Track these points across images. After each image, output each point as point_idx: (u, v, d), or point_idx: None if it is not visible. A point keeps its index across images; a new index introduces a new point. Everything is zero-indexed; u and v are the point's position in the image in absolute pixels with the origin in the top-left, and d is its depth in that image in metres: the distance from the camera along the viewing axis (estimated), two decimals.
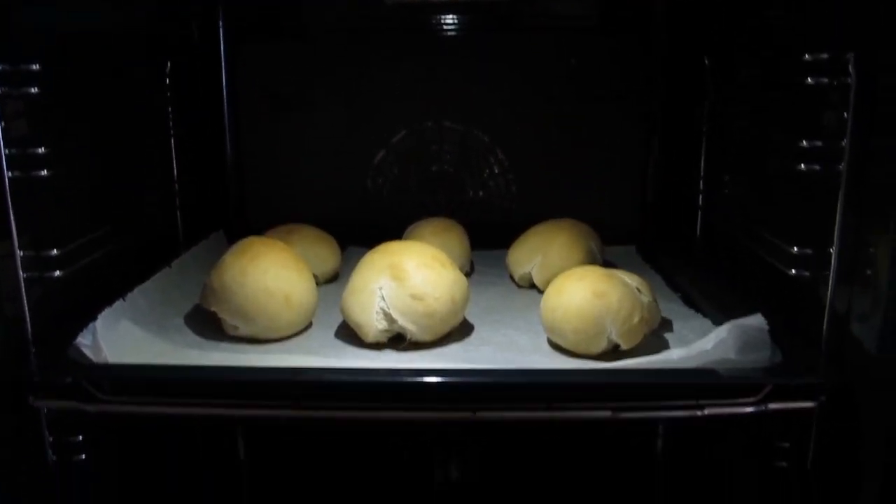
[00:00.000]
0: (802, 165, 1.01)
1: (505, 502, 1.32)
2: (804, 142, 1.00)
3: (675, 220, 1.64)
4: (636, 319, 1.09)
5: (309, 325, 1.22)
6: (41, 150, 1.03)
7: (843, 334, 0.98)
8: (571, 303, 1.09)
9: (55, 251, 1.07)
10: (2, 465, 1.00)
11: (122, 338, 1.08)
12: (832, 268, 0.99)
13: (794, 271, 1.05)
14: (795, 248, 1.05)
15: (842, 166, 0.96)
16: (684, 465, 1.40)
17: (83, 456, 1.10)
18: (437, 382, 0.96)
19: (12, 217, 1.00)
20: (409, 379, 0.98)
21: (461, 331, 1.19)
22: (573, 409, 0.97)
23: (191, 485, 1.35)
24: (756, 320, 1.04)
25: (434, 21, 1.69)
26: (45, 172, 1.03)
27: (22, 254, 1.02)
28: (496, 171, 1.74)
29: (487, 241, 1.58)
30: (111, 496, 1.24)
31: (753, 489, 1.18)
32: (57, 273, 1.07)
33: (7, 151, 0.98)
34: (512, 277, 1.45)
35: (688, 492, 1.32)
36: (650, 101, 1.68)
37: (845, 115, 0.94)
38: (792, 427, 1.05)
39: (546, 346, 1.14)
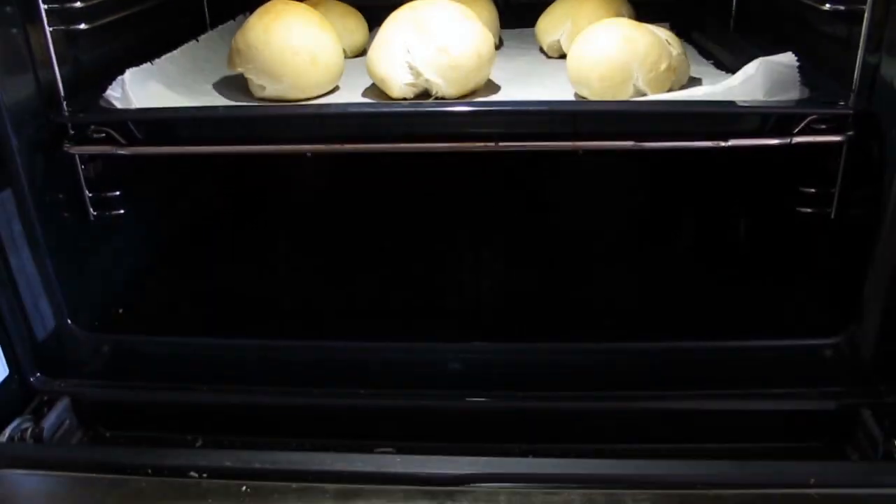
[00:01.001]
0: None
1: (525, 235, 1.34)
2: None
3: None
4: (663, 66, 1.07)
5: (336, 88, 1.22)
6: None
7: (874, 73, 0.96)
8: (599, 48, 1.08)
9: (78, 4, 1.06)
10: (46, 222, 1.04)
11: (151, 96, 1.09)
12: (868, 5, 0.96)
13: (827, 7, 1.01)
14: None
15: None
16: (708, 210, 1.41)
17: (122, 211, 1.13)
18: (463, 111, 0.97)
19: None
20: (435, 109, 0.98)
21: (487, 88, 1.18)
22: (596, 138, 0.97)
23: (224, 239, 1.40)
24: (786, 58, 1.02)
25: None
26: None
27: (46, 7, 1.02)
28: None
29: (517, 20, 1.55)
30: (153, 252, 1.30)
31: (778, 236, 1.19)
32: (82, 26, 1.07)
33: None
34: (541, 49, 1.43)
35: (710, 240, 1.33)
36: None
37: None
38: (817, 171, 1.04)
39: (572, 99, 1.14)
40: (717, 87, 1.00)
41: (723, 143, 0.95)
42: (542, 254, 1.35)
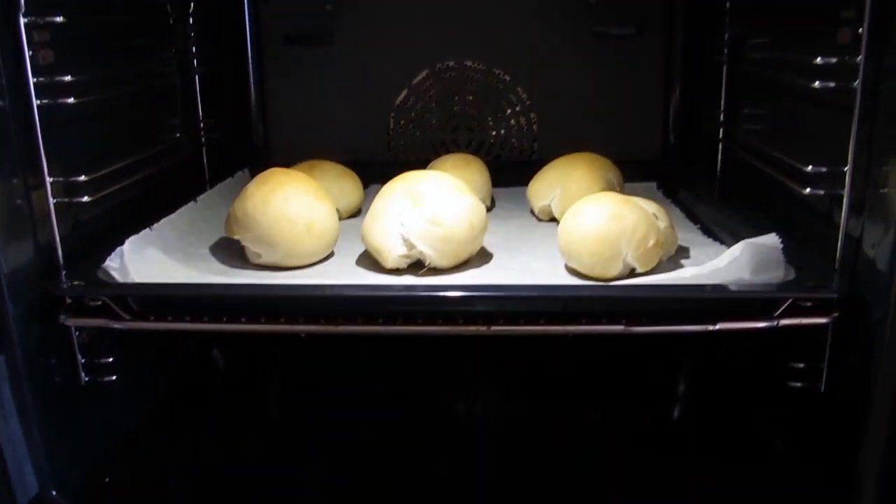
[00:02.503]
0: (817, 83, 1.01)
1: (521, 420, 1.34)
2: (819, 59, 1.00)
3: (696, 157, 1.65)
4: (651, 242, 1.10)
5: (331, 254, 1.25)
6: (68, 78, 1.06)
7: (856, 252, 0.98)
8: (588, 225, 1.11)
9: (83, 177, 1.10)
10: (37, 386, 1.04)
11: (148, 263, 1.11)
12: (846, 187, 1.00)
13: (808, 191, 1.05)
14: (810, 168, 1.05)
15: (856, 83, 0.96)
16: (697, 386, 1.42)
17: (114, 377, 1.13)
18: (455, 297, 0.98)
19: (41, 144, 1.03)
20: (428, 293, 1.00)
21: (479, 258, 1.21)
22: (586, 323, 0.98)
23: (217, 408, 1.40)
24: (770, 240, 1.05)
25: None
26: (71, 100, 1.06)
27: (51, 180, 1.05)
28: (517, 109, 1.74)
29: (509, 179, 1.59)
30: (144, 418, 1.29)
31: (768, 410, 1.20)
32: (85, 199, 1.10)
33: (35, 79, 1.01)
34: (532, 212, 1.46)
35: (703, 415, 1.34)
36: (671, 35, 1.68)
37: (860, 30, 0.94)
38: (806, 347, 1.06)
39: (563, 272, 1.16)
40: (703, 269, 1.02)
41: (711, 327, 0.97)
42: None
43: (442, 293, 0.99)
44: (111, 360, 1.13)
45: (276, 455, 1.21)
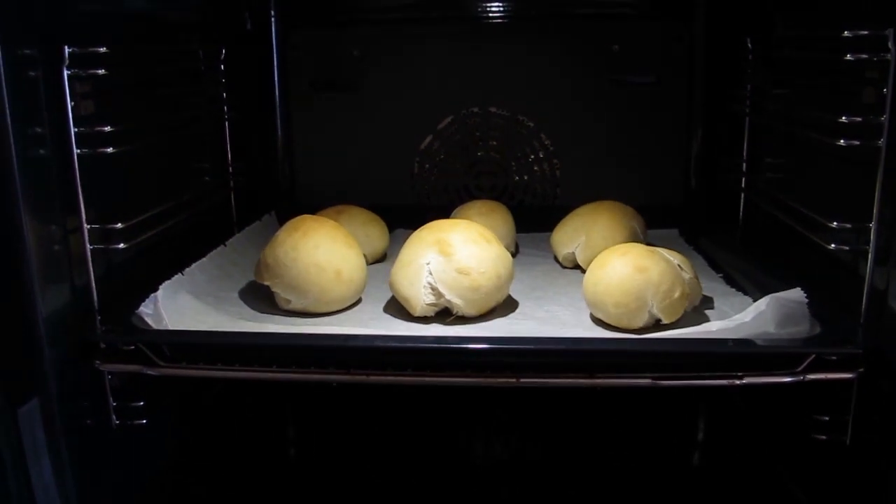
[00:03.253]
0: (842, 141, 1.03)
1: (546, 473, 1.35)
2: (844, 118, 1.02)
3: (718, 203, 1.66)
4: (677, 294, 1.11)
5: (359, 301, 1.26)
6: (107, 128, 1.08)
7: (881, 308, 0.99)
8: (613, 277, 1.12)
9: (119, 225, 1.12)
10: (69, 429, 1.05)
11: (181, 308, 1.13)
12: (871, 243, 1.01)
13: (833, 246, 1.06)
14: (835, 224, 1.06)
15: (881, 141, 0.97)
16: (724, 439, 1.42)
17: (144, 420, 1.15)
18: (484, 349, 1.00)
19: (80, 192, 1.05)
20: (457, 345, 1.01)
21: (506, 306, 1.22)
22: (614, 376, 0.99)
23: (243, 451, 1.41)
24: (795, 294, 1.06)
25: (480, 8, 1.73)
26: (110, 150, 1.09)
27: (89, 227, 1.07)
28: (541, 155, 1.77)
29: (532, 224, 1.61)
30: (170, 460, 1.31)
31: (791, 461, 1.20)
32: (121, 245, 1.12)
33: (76, 129, 1.04)
34: (556, 258, 1.48)
35: (726, 464, 1.34)
36: (692, 84, 1.70)
37: (884, 90, 0.96)
38: (831, 400, 1.06)
39: (588, 321, 1.17)
40: (730, 324, 1.03)
41: (737, 382, 0.98)
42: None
43: (474, 345, 1.01)
44: (142, 403, 1.15)
45: (299, 501, 1.22)
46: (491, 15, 1.73)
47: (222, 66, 1.55)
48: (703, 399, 1.47)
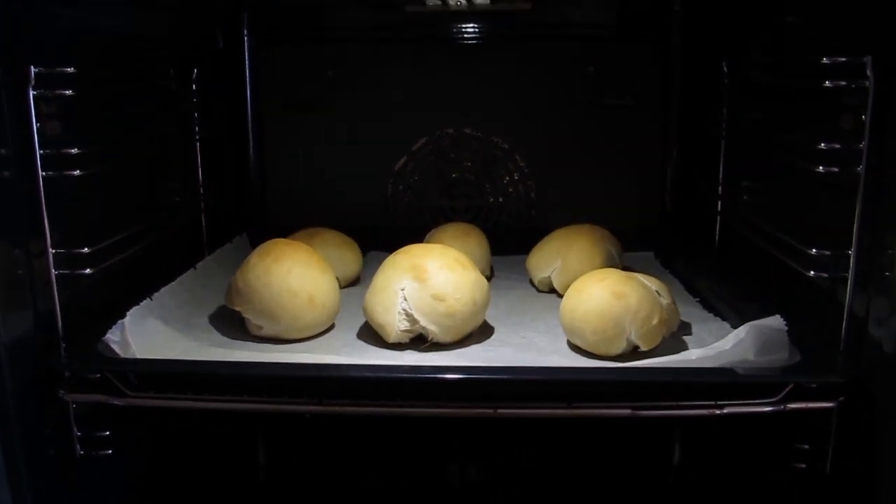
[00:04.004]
0: (821, 168, 1.02)
1: (522, 499, 1.33)
2: (822, 144, 1.01)
3: (693, 227, 1.65)
4: (655, 321, 1.10)
5: (332, 326, 1.24)
6: (74, 150, 1.05)
7: (861, 335, 0.98)
8: (591, 303, 1.11)
9: (86, 249, 1.09)
10: (31, 459, 1.02)
11: (149, 335, 1.10)
12: (850, 270, 1.00)
13: (812, 273, 1.05)
14: (814, 251, 1.06)
15: (860, 168, 0.97)
16: (702, 466, 1.41)
17: (109, 451, 1.11)
18: (460, 379, 0.98)
19: (45, 215, 1.02)
20: (432, 375, 0.99)
21: (481, 332, 1.21)
22: (592, 406, 0.98)
23: (212, 480, 1.37)
24: (774, 321, 1.05)
25: (454, 29, 1.72)
26: (77, 172, 1.06)
27: (54, 251, 1.04)
28: (516, 177, 1.76)
29: (507, 246, 1.59)
30: (136, 490, 1.27)
31: (772, 491, 1.19)
32: (87, 270, 1.08)
33: (42, 151, 1.01)
34: (531, 282, 1.46)
35: (705, 492, 1.33)
36: (668, 106, 1.71)
37: (863, 117, 0.95)
38: (811, 428, 1.05)
39: (565, 348, 1.15)
40: (709, 352, 1.02)
41: (717, 412, 0.96)
42: None
43: (450, 375, 0.98)
44: (108, 433, 1.11)
45: None
46: (466, 36, 1.72)
47: (194, 86, 1.52)
48: (680, 424, 1.45)
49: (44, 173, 1.01)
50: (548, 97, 1.72)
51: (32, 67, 0.99)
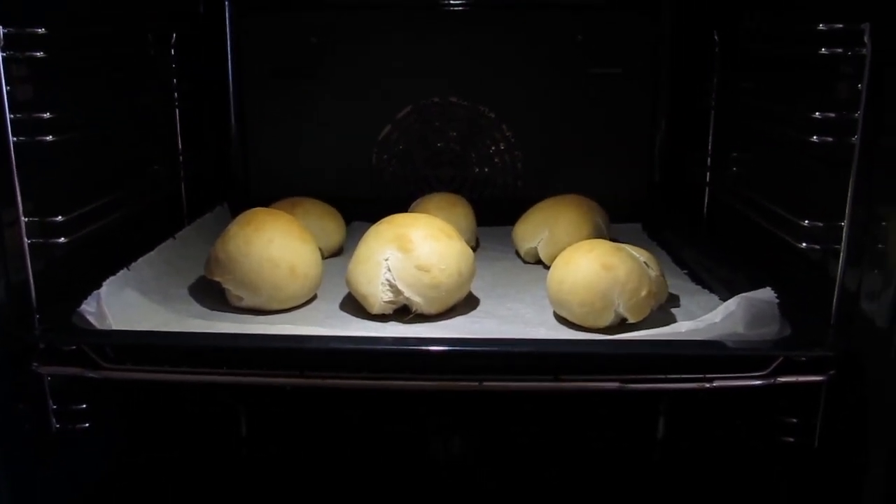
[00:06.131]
0: (815, 137, 1.00)
1: (507, 474, 1.32)
2: (817, 114, 0.99)
3: (682, 197, 1.64)
4: (644, 293, 1.08)
5: (314, 297, 1.21)
6: (46, 115, 1.02)
7: (852, 308, 0.97)
8: (578, 275, 1.09)
9: (60, 218, 1.06)
10: (4, 434, 0.99)
11: (126, 306, 1.07)
12: (843, 242, 0.99)
13: (804, 245, 1.04)
14: (806, 222, 1.04)
15: (855, 138, 0.95)
16: (690, 439, 1.40)
17: (86, 424, 1.09)
18: (445, 351, 0.96)
19: (17, 182, 0.99)
20: (416, 347, 0.97)
21: (466, 303, 1.19)
22: (580, 380, 0.96)
23: (193, 454, 1.35)
24: (765, 294, 1.03)
25: None
26: (49, 138, 1.02)
27: (26, 220, 1.01)
28: (502, 147, 1.73)
29: (493, 217, 1.57)
30: (115, 464, 1.25)
31: (760, 465, 1.18)
32: (61, 240, 1.05)
33: (12, 116, 0.97)
34: (518, 253, 1.44)
35: (692, 466, 1.32)
36: (657, 76, 1.68)
37: (859, 86, 0.93)
38: (800, 402, 1.04)
39: (552, 320, 1.14)
40: (699, 324, 1.01)
41: (707, 385, 0.95)
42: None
43: (434, 347, 0.96)
44: (84, 406, 1.09)
45: None
46: (453, 3, 1.69)
47: (173, 52, 1.49)
48: (667, 398, 1.44)
49: (14, 139, 0.98)
50: (536, 66, 1.69)
51: (1, 28, 0.95)
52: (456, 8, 1.69)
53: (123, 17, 1.34)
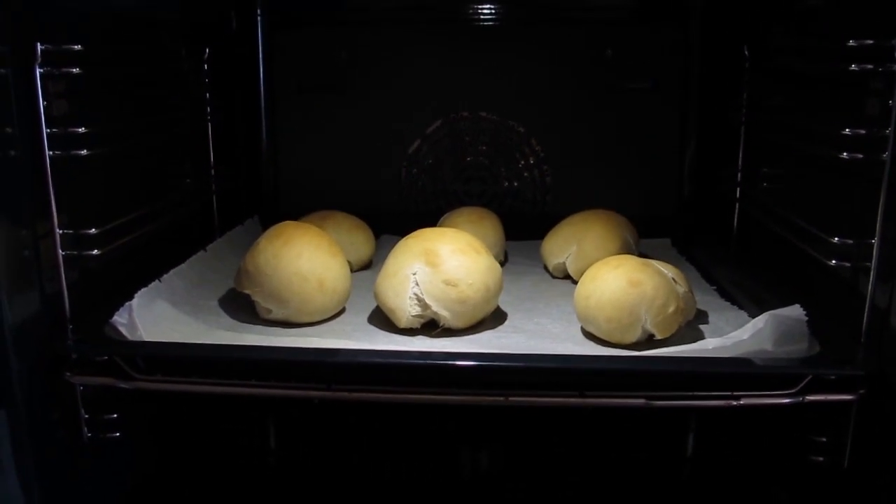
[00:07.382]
0: (845, 154, 0.99)
1: (533, 489, 1.31)
2: (847, 130, 0.99)
3: (711, 213, 1.63)
4: (671, 309, 1.07)
5: (342, 310, 1.22)
6: (81, 129, 1.04)
7: (883, 327, 0.96)
8: (606, 291, 1.08)
9: (93, 230, 1.08)
10: (38, 443, 1.01)
11: (157, 317, 1.09)
12: (874, 259, 0.98)
13: (834, 262, 1.03)
14: (836, 239, 1.03)
15: (885, 155, 0.94)
16: (718, 458, 1.39)
17: (117, 434, 1.11)
18: (471, 366, 0.96)
19: (52, 195, 1.01)
20: (443, 362, 0.97)
21: (494, 318, 1.19)
22: (606, 395, 0.96)
23: (222, 464, 1.36)
24: (794, 311, 1.03)
25: (471, 11, 1.69)
26: (84, 152, 1.04)
27: (61, 232, 1.03)
28: (531, 161, 1.73)
29: (522, 231, 1.57)
30: (145, 474, 1.26)
31: (789, 484, 1.17)
32: (95, 252, 1.07)
33: (48, 130, 0.99)
34: (546, 267, 1.44)
35: (720, 484, 1.31)
36: (687, 91, 1.67)
37: (890, 102, 0.93)
38: (829, 421, 1.03)
39: (579, 335, 1.14)
40: (727, 342, 1.00)
41: (734, 403, 0.94)
42: None
43: (461, 362, 0.96)
44: (115, 416, 1.10)
45: None
46: (482, 18, 1.69)
47: (206, 67, 1.51)
48: (695, 415, 1.43)
49: (51, 153, 1.00)
50: (565, 81, 1.69)
51: (39, 44, 0.97)
52: (485, 23, 1.70)
53: (157, 34, 1.36)
